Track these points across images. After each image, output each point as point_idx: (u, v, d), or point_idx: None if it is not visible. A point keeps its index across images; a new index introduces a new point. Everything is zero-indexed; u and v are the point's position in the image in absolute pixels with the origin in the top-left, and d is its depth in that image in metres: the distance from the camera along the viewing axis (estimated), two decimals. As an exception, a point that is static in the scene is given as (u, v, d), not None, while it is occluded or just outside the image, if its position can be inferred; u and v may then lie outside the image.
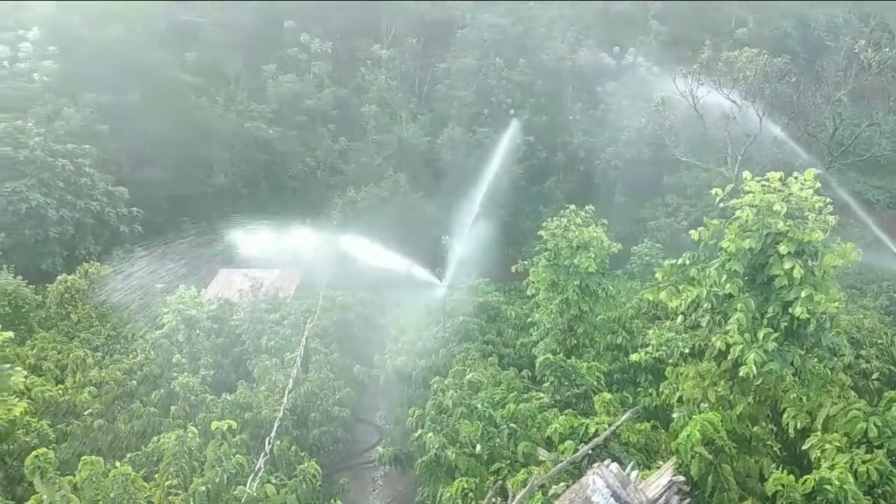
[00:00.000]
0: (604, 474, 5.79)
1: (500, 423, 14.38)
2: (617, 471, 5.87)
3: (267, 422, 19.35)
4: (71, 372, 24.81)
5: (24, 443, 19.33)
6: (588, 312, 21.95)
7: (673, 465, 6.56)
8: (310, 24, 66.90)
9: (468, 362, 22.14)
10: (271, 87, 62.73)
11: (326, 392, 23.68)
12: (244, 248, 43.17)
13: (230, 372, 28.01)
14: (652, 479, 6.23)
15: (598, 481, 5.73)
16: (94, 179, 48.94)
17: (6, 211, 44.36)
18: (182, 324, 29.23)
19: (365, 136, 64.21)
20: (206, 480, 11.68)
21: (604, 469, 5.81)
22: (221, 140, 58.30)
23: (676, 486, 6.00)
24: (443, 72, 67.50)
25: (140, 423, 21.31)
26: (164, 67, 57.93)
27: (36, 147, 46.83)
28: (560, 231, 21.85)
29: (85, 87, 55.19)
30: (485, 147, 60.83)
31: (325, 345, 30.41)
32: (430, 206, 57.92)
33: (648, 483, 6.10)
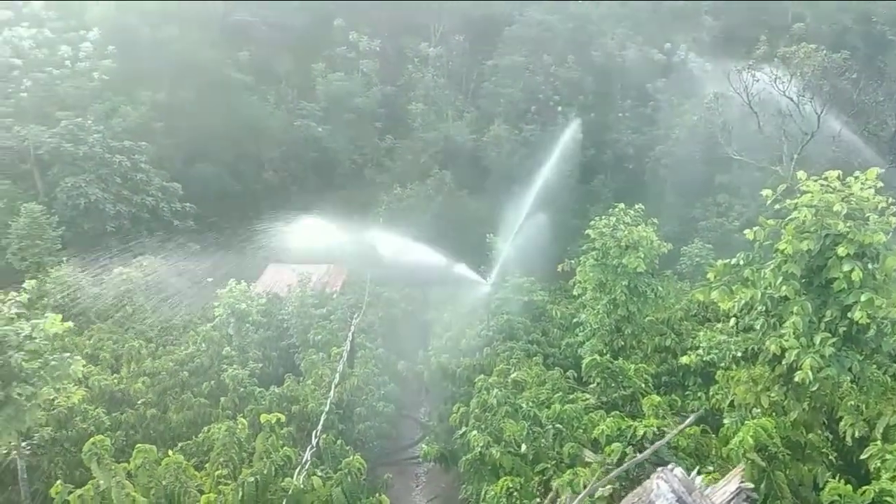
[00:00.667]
0: (668, 479, 5.64)
1: (546, 424, 14.25)
2: (682, 475, 5.72)
3: (313, 415, 19.59)
4: (126, 362, 25.59)
5: (81, 429, 20.04)
6: (636, 313, 21.57)
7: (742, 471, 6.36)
8: (358, 22, 67.50)
9: (513, 361, 22.02)
10: (320, 85, 63.52)
11: (371, 387, 23.88)
12: (292, 244, 43.84)
13: (278, 365, 28.49)
14: (719, 485, 6.05)
15: (663, 486, 5.58)
16: (150, 175, 50.38)
17: (66, 205, 46.02)
18: (232, 317, 29.85)
19: (411, 134, 64.50)
20: (255, 471, 11.88)
21: (668, 473, 5.67)
22: (271, 137, 59.32)
23: (745, 493, 5.79)
24: (490, 69, 67.30)
25: (191, 414, 21.85)
26: (217, 66, 59.21)
27: (95, 144, 48.46)
28: (608, 230, 21.53)
29: (141, 85, 56.84)
30: (531, 145, 60.45)
31: (371, 340, 30.67)
32: (476, 204, 57.86)
33: (715, 489, 5.91)
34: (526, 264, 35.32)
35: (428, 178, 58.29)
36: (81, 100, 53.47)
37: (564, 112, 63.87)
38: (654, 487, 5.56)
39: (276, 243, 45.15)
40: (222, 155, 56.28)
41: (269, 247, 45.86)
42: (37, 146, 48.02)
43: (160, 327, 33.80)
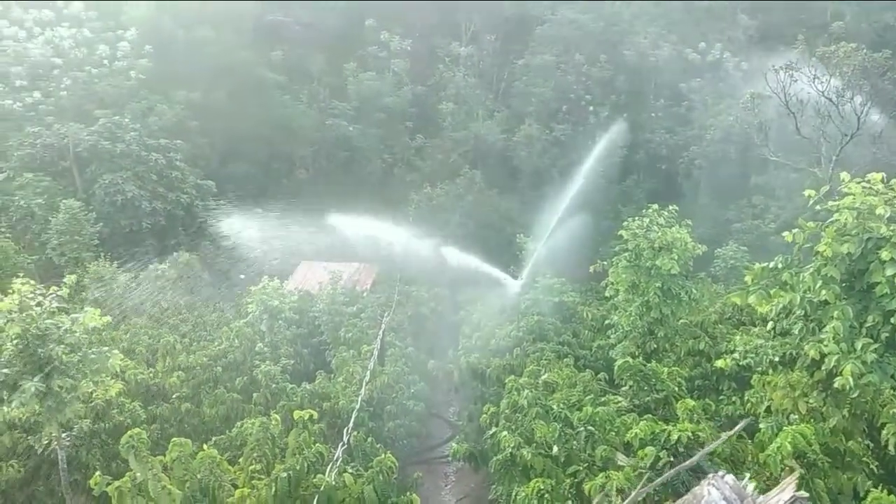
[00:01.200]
0: (720, 485, 5.53)
1: (577, 426, 14.16)
2: (733, 482, 5.62)
3: (344, 412, 19.73)
4: (161, 356, 26.02)
5: (118, 422, 20.45)
6: (669, 316, 21.29)
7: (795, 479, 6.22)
8: (390, 22, 67.78)
9: (543, 362, 21.90)
10: (352, 84, 63.95)
11: (401, 385, 23.96)
12: (323, 242, 44.19)
13: (309, 362, 28.75)
14: (772, 493, 5.91)
15: (714, 492, 5.47)
16: (185, 173, 51.22)
17: (104, 202, 46.97)
18: (265, 314, 30.18)
19: (441, 133, 64.60)
20: (288, 467, 12.00)
21: (719, 480, 5.57)
22: (303, 136, 59.92)
23: (800, 502, 5.65)
24: (521, 68, 67.08)
25: (224, 409, 22.15)
26: (250, 66, 59.97)
27: (132, 141, 49.42)
28: (642, 231, 21.29)
29: (177, 84, 57.81)
30: (562, 144, 60.14)
31: (401, 339, 30.81)
32: (505, 203, 57.73)
33: (768, 497, 5.78)
34: (557, 265, 35.11)
35: (458, 177, 58.32)
36: (119, 98, 54.62)
37: (596, 111, 63.41)
38: (704, 494, 5.46)
39: (307, 241, 45.59)
40: (255, 153, 57.00)
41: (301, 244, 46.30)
42: (76, 144, 49.13)
43: (194, 322, 34.30)
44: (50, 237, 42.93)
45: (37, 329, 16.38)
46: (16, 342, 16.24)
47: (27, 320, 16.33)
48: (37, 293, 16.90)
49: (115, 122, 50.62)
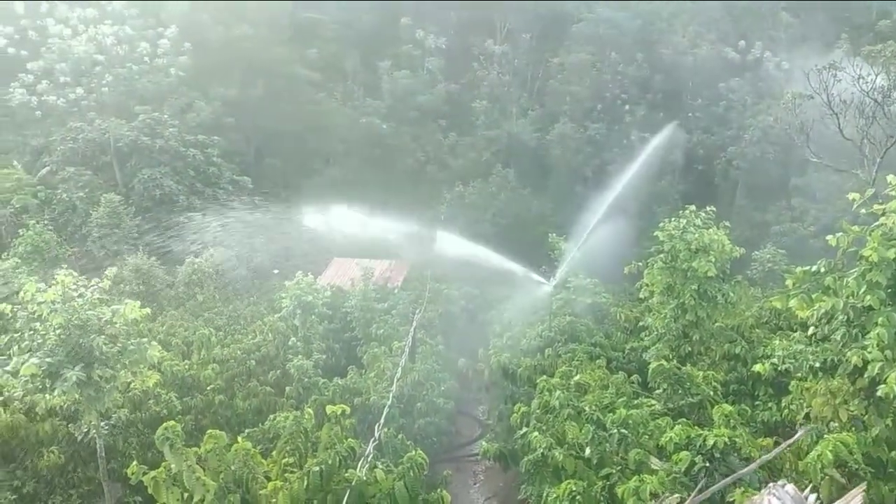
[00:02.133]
0: (780, 495, 5.39)
1: (610, 428, 14.00)
2: (794, 492, 5.49)
3: (375, 408, 19.84)
4: (196, 349, 26.47)
5: (154, 412, 20.88)
6: (705, 319, 20.92)
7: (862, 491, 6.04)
8: (425, 20, 67.87)
9: (575, 363, 21.72)
10: (386, 82, 64.23)
11: (432, 383, 24.02)
12: (355, 238, 44.45)
13: (341, 357, 29.02)
14: None
15: (775, 503, 5.32)
16: (221, 169, 52.01)
17: (143, 196, 47.92)
18: (298, 308, 30.49)
19: (474, 132, 64.52)
20: (320, 461, 12.07)
21: (780, 490, 5.45)
22: (336, 134, 60.34)
23: None
24: (556, 67, 66.67)
25: (257, 401, 22.46)
26: (285, 64, 60.58)
27: (170, 137, 50.36)
28: (678, 233, 20.97)
29: (215, 81, 58.70)
30: (596, 143, 59.63)
31: (431, 336, 30.87)
32: (538, 202, 57.45)
33: None
34: (589, 265, 34.81)
35: (490, 175, 58.22)
36: (159, 95, 55.66)
37: (632, 111, 62.72)
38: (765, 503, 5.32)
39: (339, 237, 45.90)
40: (289, 150, 57.61)
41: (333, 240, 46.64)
42: (117, 139, 50.20)
43: (228, 316, 34.81)
44: (91, 230, 43.94)
45: (78, 320, 16.78)
46: (58, 332, 16.66)
47: (69, 311, 16.74)
48: (79, 284, 17.31)
49: (155, 118, 51.62)
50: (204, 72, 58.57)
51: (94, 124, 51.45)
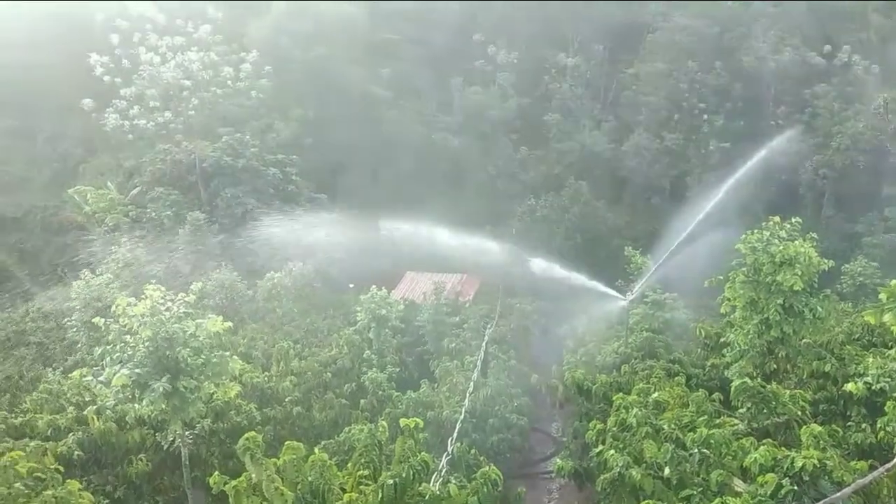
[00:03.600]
0: None
1: (690, 447, 13.52)
2: None
3: (448, 422, 19.88)
4: (275, 361, 27.23)
5: (235, 422, 21.58)
6: (791, 335, 19.99)
7: None
8: (497, 35, 68.12)
9: (653, 380, 21.12)
10: (458, 98, 64.78)
11: (504, 398, 23.88)
12: (428, 253, 44.77)
13: (413, 370, 29.28)
14: None
15: None
16: (299, 187, 53.63)
17: (226, 213, 49.87)
18: (373, 322, 30.93)
19: (546, 145, 64.11)
20: (394, 474, 12.15)
21: None
22: (409, 150, 61.15)
23: None
24: (630, 77, 65.56)
25: (332, 413, 22.91)
26: (360, 83, 62.03)
27: (251, 157, 52.42)
28: (761, 245, 20.15)
29: (293, 102, 60.70)
30: (674, 154, 58.18)
31: (504, 351, 30.71)
32: (613, 215, 56.45)
33: None
34: (667, 279, 33.88)
35: (563, 188, 57.57)
36: (241, 117, 58.03)
37: (710, 120, 60.92)
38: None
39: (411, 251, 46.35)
40: (364, 167, 58.84)
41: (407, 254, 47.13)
42: (202, 159, 52.59)
43: (306, 329, 35.68)
44: (177, 246, 46.03)
45: (165, 332, 17.57)
46: (147, 344, 17.48)
47: (157, 324, 17.55)
48: (166, 299, 18.14)
49: (237, 139, 53.83)
50: (283, 93, 60.69)
51: (181, 146, 54.10)
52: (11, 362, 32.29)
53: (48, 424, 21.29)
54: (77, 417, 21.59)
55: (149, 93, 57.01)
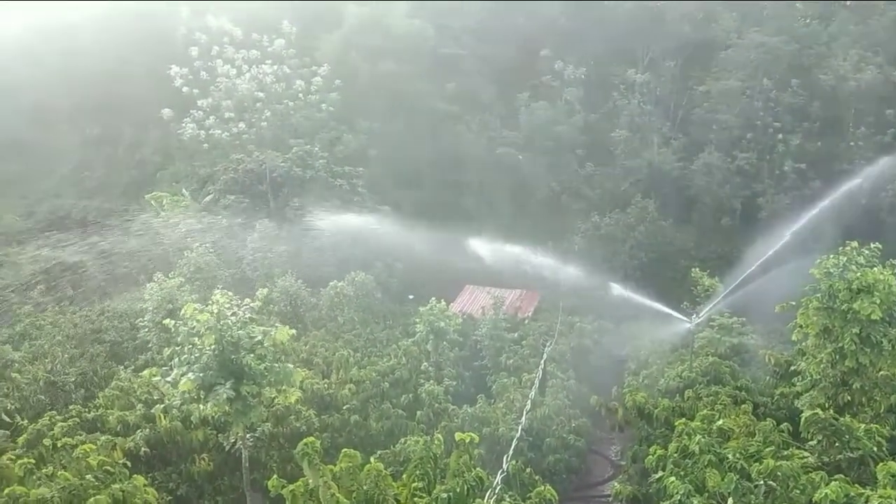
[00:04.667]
0: None
1: (756, 479, 13.01)
2: None
3: (504, 439, 19.74)
4: (335, 369, 27.67)
5: (294, 428, 21.98)
6: (868, 366, 19.00)
7: None
8: (565, 51, 67.75)
9: (718, 407, 20.43)
10: (523, 114, 64.62)
11: (562, 418, 23.57)
12: (487, 267, 44.71)
13: (470, 385, 29.21)
14: None
15: None
16: (364, 198, 54.48)
17: (294, 222, 50.97)
18: (431, 334, 31.06)
19: (612, 162, 63.16)
20: (448, 488, 12.15)
21: None
22: (472, 164, 61.34)
23: None
24: (701, 95, 64.00)
25: (389, 424, 23.06)
26: (426, 97, 62.68)
27: (320, 168, 53.70)
28: (837, 271, 19.30)
29: (361, 115, 61.82)
30: (746, 174, 56.43)
31: (563, 370, 30.34)
32: (680, 235, 55.11)
33: None
34: (736, 303, 32.78)
35: (629, 206, 56.55)
36: (311, 129, 59.52)
37: (785, 140, 58.83)
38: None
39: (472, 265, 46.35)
40: (426, 180, 59.34)
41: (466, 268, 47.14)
42: (272, 170, 54.13)
43: (366, 338, 36.09)
44: (245, 253, 47.39)
45: (231, 338, 18.10)
46: (213, 348, 18.05)
47: (223, 329, 18.09)
48: (233, 304, 18.70)
49: (307, 150, 55.25)
50: (352, 106, 61.92)
51: (252, 156, 55.82)
52: (87, 359, 33.76)
53: (118, 420, 22.21)
54: (145, 415, 22.44)
55: (224, 104, 59.17)
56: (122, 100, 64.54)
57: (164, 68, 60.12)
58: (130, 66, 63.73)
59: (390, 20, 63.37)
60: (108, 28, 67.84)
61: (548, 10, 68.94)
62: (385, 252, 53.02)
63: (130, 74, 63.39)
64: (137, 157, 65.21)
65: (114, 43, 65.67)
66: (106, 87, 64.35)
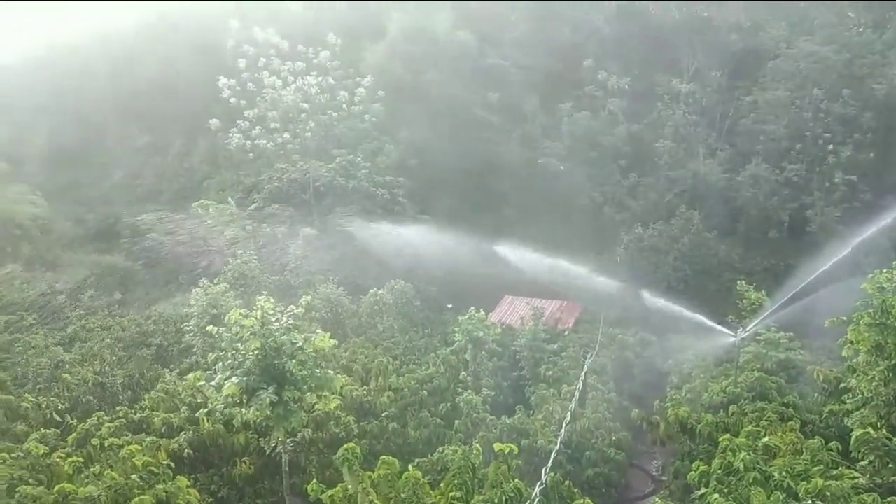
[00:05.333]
0: None
1: (803, 498, 12.63)
2: None
3: (542, 451, 19.60)
4: (374, 376, 27.85)
5: (334, 433, 22.19)
6: (923, 385, 18.33)
7: None
8: (608, 61, 67.29)
9: (763, 424, 19.91)
10: (566, 124, 64.31)
11: (602, 431, 23.27)
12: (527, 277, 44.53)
13: (508, 395, 29.07)
14: None
15: None
16: (407, 208, 54.95)
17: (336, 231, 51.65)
18: (469, 343, 31.03)
19: (657, 172, 62.29)
20: (486, 499, 12.12)
21: None
22: (513, 174, 61.25)
23: None
24: (748, 105, 62.74)
25: (427, 432, 23.09)
26: (468, 107, 62.93)
27: (362, 178, 54.40)
28: (891, 285, 18.70)
29: (402, 125, 62.36)
30: (794, 186, 55.08)
31: (603, 382, 29.98)
32: (726, 247, 54.02)
33: None
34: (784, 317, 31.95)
35: (673, 217, 55.68)
36: (354, 139, 60.33)
37: (836, 151, 57.28)
38: None
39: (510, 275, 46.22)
40: (467, 190, 59.43)
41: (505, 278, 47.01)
42: (315, 179, 55.00)
43: (404, 346, 36.23)
44: (289, 261, 48.15)
45: (274, 343, 18.39)
46: (256, 353, 18.35)
47: (267, 335, 18.40)
48: (276, 310, 19.01)
49: (350, 160, 56.02)
50: (394, 117, 62.55)
51: (297, 165, 56.80)
52: (134, 362, 34.69)
53: (163, 422, 22.73)
54: (189, 417, 22.91)
55: (270, 114, 60.40)
56: (172, 110, 66.42)
57: (213, 80, 61.76)
58: (181, 77, 65.57)
59: (434, 31, 63.85)
60: (160, 40, 70.04)
61: (591, 21, 68.69)
62: (424, 261, 53.28)
63: (181, 85, 65.23)
64: (186, 165, 66.89)
65: (166, 54, 67.69)
66: (157, 98, 66.31)
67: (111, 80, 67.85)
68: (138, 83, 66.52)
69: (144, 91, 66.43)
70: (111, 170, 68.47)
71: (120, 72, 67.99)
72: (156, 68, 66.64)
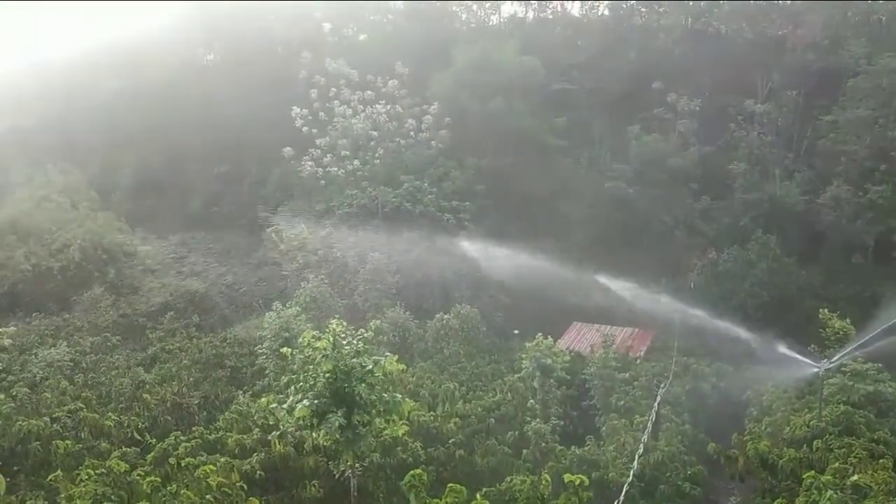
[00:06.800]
0: None
1: (899, 544, 11.80)
2: None
3: (614, 484, 19.05)
4: (441, 402, 27.81)
5: (401, 459, 22.20)
6: None
7: None
8: (678, 83, 66.16)
9: (851, 461, 18.82)
10: (634, 147, 63.38)
11: (677, 465, 22.43)
12: (596, 303, 43.83)
13: (578, 425, 28.48)
14: None
15: None
16: (471, 232, 55.06)
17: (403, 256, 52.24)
18: (537, 370, 30.64)
19: (730, 195, 60.41)
20: (556, 532, 11.82)
21: None
22: (581, 199, 60.60)
23: None
24: (827, 125, 60.33)
25: (494, 460, 22.81)
26: (535, 132, 62.91)
27: (429, 203, 54.93)
28: None
29: (469, 152, 62.85)
30: (879, 208, 52.43)
31: (677, 414, 29.00)
32: (806, 273, 51.71)
33: None
34: (870, 347, 30.23)
35: (748, 242, 53.75)
36: (421, 165, 61.17)
37: (924, 171, 54.32)
38: None
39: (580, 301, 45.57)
40: (534, 214, 59.14)
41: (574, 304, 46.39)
42: (384, 204, 55.90)
43: (471, 372, 36.06)
44: (357, 285, 48.93)
45: (344, 366, 18.65)
46: (327, 376, 18.64)
47: (338, 357, 18.68)
48: (346, 333, 19.30)
49: (417, 186, 56.78)
50: (460, 143, 63.16)
51: (366, 192, 57.96)
52: (209, 383, 35.74)
53: (236, 443, 23.28)
54: (261, 439, 23.40)
55: (340, 142, 62.02)
56: (248, 139, 68.99)
57: (286, 110, 63.97)
58: (257, 108, 68.13)
59: (501, 59, 64.34)
60: (237, 72, 73.15)
61: (660, 43, 67.89)
62: (490, 285, 53.17)
63: (257, 116, 67.75)
64: (261, 193, 69.11)
65: (244, 86, 70.56)
66: (235, 128, 69.04)
67: (194, 112, 71.11)
68: (217, 115, 69.45)
69: (223, 122, 69.30)
70: (191, 198, 71.47)
71: (201, 104, 71.18)
72: (234, 100, 69.50)
